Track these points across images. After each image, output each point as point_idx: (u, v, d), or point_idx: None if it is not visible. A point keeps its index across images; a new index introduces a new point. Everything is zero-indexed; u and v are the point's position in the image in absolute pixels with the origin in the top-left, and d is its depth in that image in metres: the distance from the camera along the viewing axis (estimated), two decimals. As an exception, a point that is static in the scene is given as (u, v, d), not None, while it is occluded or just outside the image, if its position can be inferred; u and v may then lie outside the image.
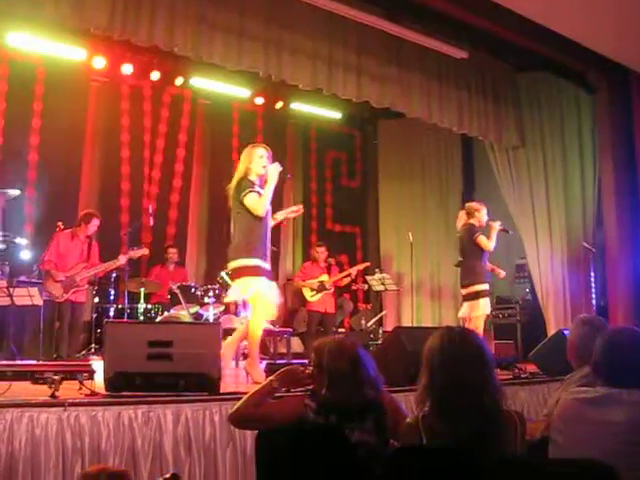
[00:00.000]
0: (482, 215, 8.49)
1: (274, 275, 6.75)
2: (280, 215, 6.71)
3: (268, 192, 6.09)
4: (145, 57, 10.34)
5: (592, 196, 10.17)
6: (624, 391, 2.65)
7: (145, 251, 9.02)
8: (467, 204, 8.85)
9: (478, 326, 8.20)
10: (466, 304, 8.42)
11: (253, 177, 6.18)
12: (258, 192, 6.08)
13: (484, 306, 8.30)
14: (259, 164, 6.19)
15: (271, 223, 6.32)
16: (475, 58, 9.53)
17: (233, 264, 6.12)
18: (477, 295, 8.32)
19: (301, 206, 6.83)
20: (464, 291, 8.48)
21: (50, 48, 9.79)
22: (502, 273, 8.95)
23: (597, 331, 3.28)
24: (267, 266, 6.12)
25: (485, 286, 8.36)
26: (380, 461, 2.75)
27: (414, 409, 2.88)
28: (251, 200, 6.02)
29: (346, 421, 3.06)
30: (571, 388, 3.30)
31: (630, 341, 2.83)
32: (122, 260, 8.67)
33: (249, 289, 6.04)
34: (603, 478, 2.11)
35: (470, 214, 8.53)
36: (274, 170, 6.15)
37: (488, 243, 8.31)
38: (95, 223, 8.69)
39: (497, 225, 8.49)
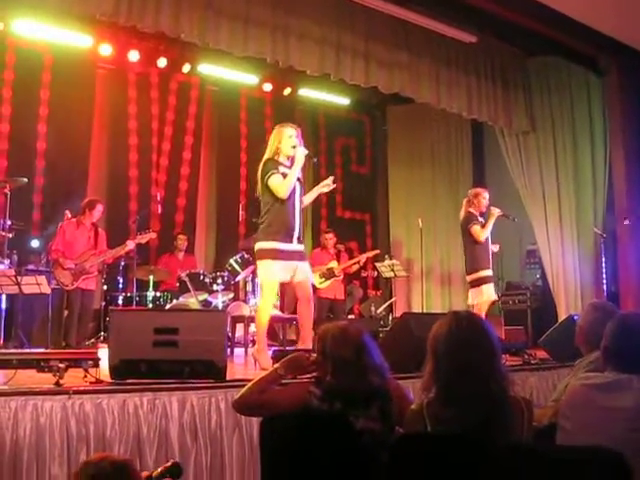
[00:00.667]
0: (481, 200, 8.38)
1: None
2: (308, 198, 6.52)
3: (293, 174, 6.00)
4: (151, 44, 10.30)
5: (603, 181, 10.09)
6: (634, 377, 2.61)
7: (152, 235, 8.96)
8: (469, 190, 8.76)
9: (482, 312, 8.16)
10: (471, 291, 8.39)
11: (282, 158, 6.12)
12: (283, 173, 6.02)
13: (487, 292, 8.24)
14: (288, 144, 6.10)
15: (299, 204, 6.17)
16: (484, 43, 9.46)
17: (255, 247, 6.15)
18: (479, 281, 8.26)
19: (332, 178, 6.67)
20: (468, 278, 8.44)
21: (56, 35, 9.77)
22: (495, 247, 8.79)
23: (608, 317, 3.22)
24: (291, 247, 6.03)
25: (487, 272, 8.28)
26: (385, 448, 2.72)
27: (417, 393, 2.84)
28: (274, 182, 5.96)
29: (351, 408, 3.03)
30: (580, 374, 3.26)
31: (639, 326, 2.78)
32: (130, 245, 8.62)
33: (260, 273, 6.09)
34: (611, 465, 2.07)
35: (469, 201, 8.46)
36: (301, 153, 6.08)
37: (481, 233, 8.22)
38: (99, 209, 8.64)
39: (496, 212, 8.41)
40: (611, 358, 2.77)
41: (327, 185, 6.48)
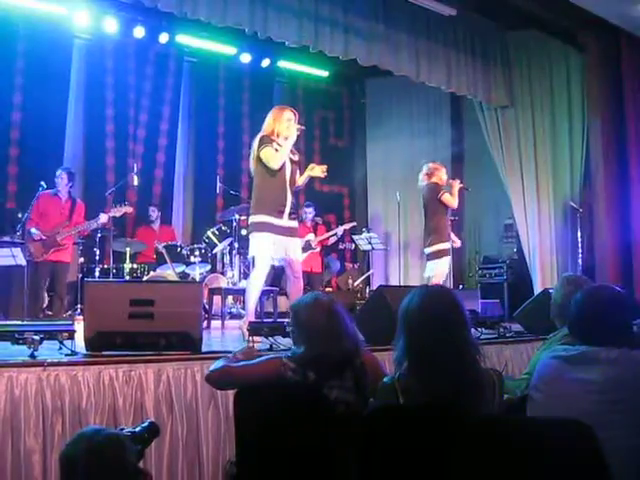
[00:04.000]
0: (442, 174, 8.50)
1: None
2: (301, 180, 6.55)
3: (286, 147, 6.12)
4: (129, 13, 10.18)
5: (580, 156, 10.15)
6: (602, 349, 2.63)
7: (128, 209, 8.86)
8: (426, 165, 8.78)
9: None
10: (430, 263, 8.43)
11: (279, 138, 6.19)
12: (276, 149, 6.11)
13: (446, 265, 8.30)
14: (285, 126, 6.22)
15: (290, 182, 6.23)
16: (464, 16, 9.43)
17: (248, 221, 6.32)
18: (441, 254, 8.31)
19: (325, 167, 6.63)
20: (427, 250, 8.46)
21: (32, 5, 9.65)
22: (457, 242, 8.90)
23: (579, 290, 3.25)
24: (282, 222, 6.11)
25: (447, 245, 8.34)
26: (359, 419, 2.73)
27: (392, 366, 2.86)
28: (267, 153, 6.06)
29: (325, 379, 3.05)
30: (553, 347, 3.29)
31: (607, 299, 2.80)
32: (104, 219, 8.48)
33: (252, 246, 6.14)
34: (580, 437, 2.10)
35: (431, 174, 8.52)
36: (293, 129, 6.20)
37: (452, 200, 8.32)
38: (61, 176, 8.46)
39: (457, 184, 8.49)
40: (579, 331, 2.79)
41: (320, 171, 6.50)
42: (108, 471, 2.21)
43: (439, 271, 8.27)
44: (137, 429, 2.51)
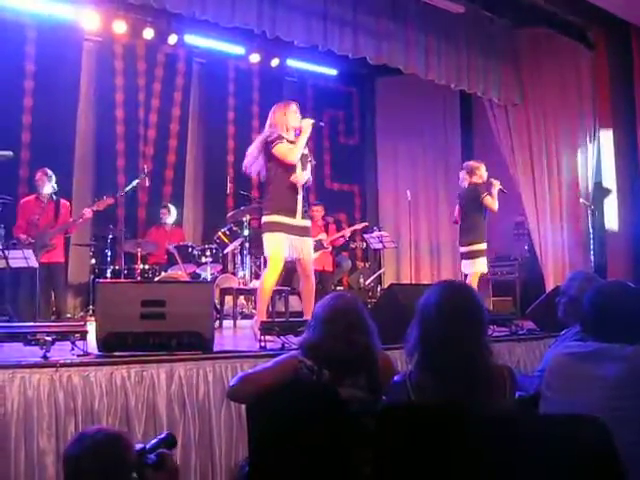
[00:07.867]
0: (482, 172, 8.47)
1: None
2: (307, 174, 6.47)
3: (302, 142, 6.08)
4: (138, 15, 10.21)
5: (591, 152, 10.09)
6: (615, 346, 2.62)
7: (110, 200, 8.63)
8: (466, 164, 8.78)
9: (474, 284, 8.21)
10: (466, 262, 8.44)
11: (287, 133, 6.16)
12: (291, 141, 6.09)
13: (481, 265, 8.31)
14: (294, 118, 6.20)
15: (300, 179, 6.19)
16: (473, 13, 9.40)
17: (261, 221, 6.29)
18: (476, 254, 8.33)
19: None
20: (464, 249, 8.47)
21: (41, 7, 9.70)
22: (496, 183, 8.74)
23: (590, 286, 3.23)
24: (294, 222, 6.10)
25: (484, 245, 8.36)
26: (372, 417, 2.73)
27: (404, 364, 2.86)
28: (281, 149, 6.01)
29: (339, 377, 3.05)
30: (566, 344, 3.28)
31: (618, 295, 2.79)
32: (88, 214, 8.40)
33: (266, 246, 6.10)
34: (593, 433, 2.09)
35: (471, 173, 8.50)
36: (308, 123, 6.15)
37: (494, 203, 8.29)
38: (42, 179, 8.41)
39: (498, 184, 8.45)
40: (591, 328, 2.78)
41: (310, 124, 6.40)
42: (109, 469, 2.23)
43: (476, 270, 8.30)
44: (153, 441, 2.51)
